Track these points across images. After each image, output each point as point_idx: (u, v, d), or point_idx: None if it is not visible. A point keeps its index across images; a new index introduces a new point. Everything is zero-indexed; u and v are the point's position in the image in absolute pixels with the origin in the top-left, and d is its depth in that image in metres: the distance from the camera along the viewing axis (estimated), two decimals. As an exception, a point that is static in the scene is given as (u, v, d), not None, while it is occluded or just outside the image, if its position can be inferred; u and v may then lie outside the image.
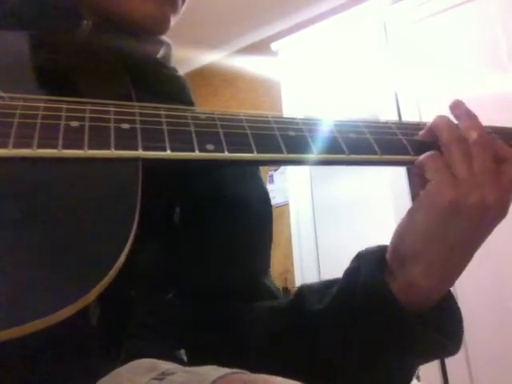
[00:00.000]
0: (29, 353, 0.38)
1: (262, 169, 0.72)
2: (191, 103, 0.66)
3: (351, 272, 0.53)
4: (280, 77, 2.76)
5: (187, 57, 2.99)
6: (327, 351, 0.53)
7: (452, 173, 0.47)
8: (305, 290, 0.57)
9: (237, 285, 0.61)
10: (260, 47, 2.99)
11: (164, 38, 0.71)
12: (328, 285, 0.56)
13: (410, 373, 0.53)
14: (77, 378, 0.44)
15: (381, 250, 0.52)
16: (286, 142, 0.46)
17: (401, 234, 0.50)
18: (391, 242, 0.52)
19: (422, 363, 0.54)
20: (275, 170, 2.76)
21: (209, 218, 0.63)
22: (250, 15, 2.94)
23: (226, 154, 0.43)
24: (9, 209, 0.36)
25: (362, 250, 0.54)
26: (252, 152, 0.44)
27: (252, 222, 0.65)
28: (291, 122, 0.49)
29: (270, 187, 2.70)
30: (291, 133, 0.47)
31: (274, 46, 2.81)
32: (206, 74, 3.19)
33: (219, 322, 0.59)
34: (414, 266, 0.48)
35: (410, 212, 0.50)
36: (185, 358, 0.57)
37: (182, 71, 0.70)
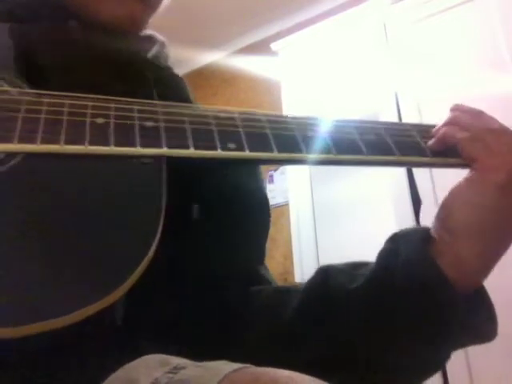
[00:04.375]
0: (29, 353, 0.38)
1: (262, 168, 0.73)
2: (189, 101, 0.65)
3: (389, 252, 0.50)
4: (280, 77, 2.76)
5: (187, 57, 2.99)
6: (353, 335, 0.49)
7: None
8: (329, 270, 0.54)
9: (233, 271, 0.60)
10: (260, 47, 2.99)
11: (158, 36, 0.70)
12: (353, 266, 0.53)
13: (443, 359, 0.51)
14: (79, 378, 0.44)
15: (422, 229, 0.50)
16: (305, 141, 0.46)
17: (449, 207, 0.48)
18: (437, 217, 0.49)
19: (457, 347, 0.51)
20: (275, 170, 2.76)
21: (213, 213, 0.63)
22: (250, 15, 2.94)
23: (248, 153, 0.43)
24: (39, 204, 0.36)
25: (399, 231, 0.51)
26: (272, 151, 0.44)
27: (249, 215, 0.64)
28: (309, 122, 0.49)
29: (269, 187, 2.70)
30: (310, 133, 0.47)
31: (273, 45, 2.81)
32: (206, 74, 3.19)
33: (221, 307, 0.58)
34: (466, 238, 0.46)
35: (461, 184, 0.48)
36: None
37: (182, 71, 0.69)
